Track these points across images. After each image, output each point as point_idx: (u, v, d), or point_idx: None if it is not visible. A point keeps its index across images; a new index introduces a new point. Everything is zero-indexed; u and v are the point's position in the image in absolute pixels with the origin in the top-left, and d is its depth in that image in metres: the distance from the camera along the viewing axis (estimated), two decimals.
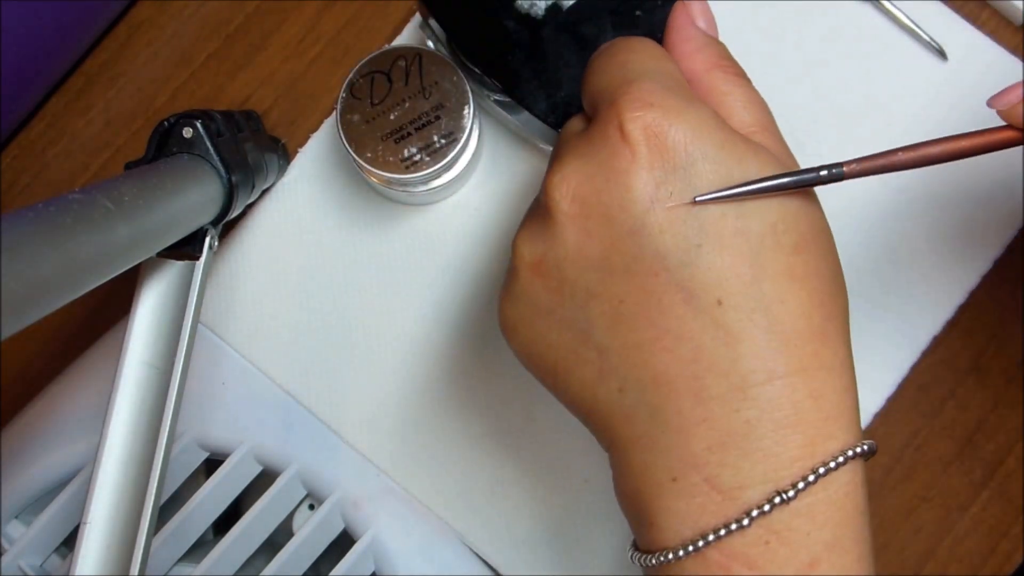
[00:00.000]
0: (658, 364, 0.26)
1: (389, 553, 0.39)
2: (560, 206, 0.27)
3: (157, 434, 0.32)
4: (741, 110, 0.28)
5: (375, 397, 0.41)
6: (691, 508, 0.26)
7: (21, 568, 0.39)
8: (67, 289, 0.25)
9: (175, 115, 0.34)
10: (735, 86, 0.29)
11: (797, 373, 0.25)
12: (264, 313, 0.42)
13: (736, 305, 0.25)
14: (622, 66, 0.28)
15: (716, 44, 0.30)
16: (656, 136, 0.26)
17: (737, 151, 0.26)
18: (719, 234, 0.26)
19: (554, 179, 0.27)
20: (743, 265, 0.26)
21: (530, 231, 0.28)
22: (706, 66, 0.29)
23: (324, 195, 0.42)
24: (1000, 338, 0.41)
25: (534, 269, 0.28)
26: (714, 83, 0.29)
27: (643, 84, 0.27)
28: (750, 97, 0.29)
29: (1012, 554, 0.40)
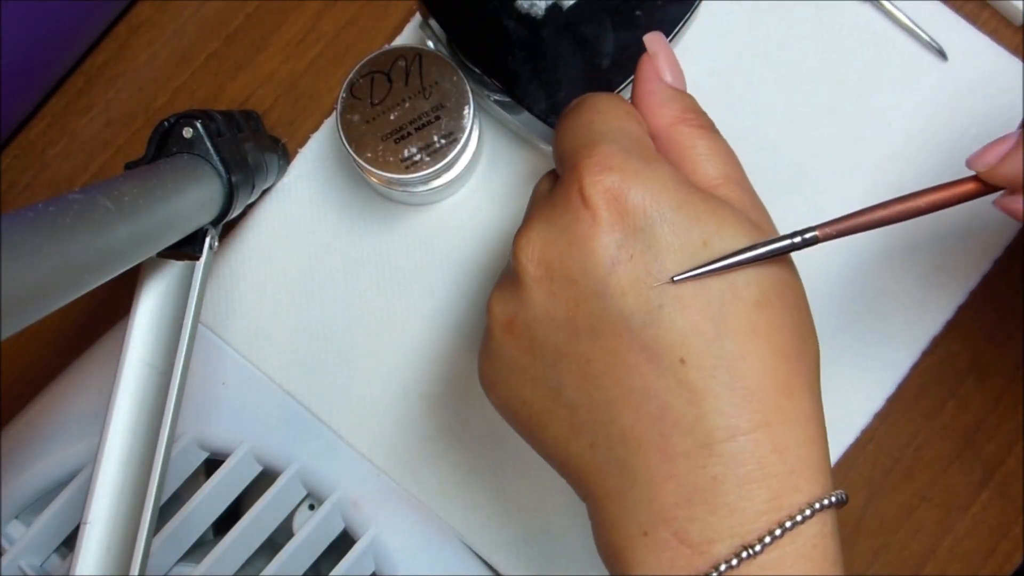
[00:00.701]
0: (625, 421, 0.26)
1: (389, 553, 0.39)
2: (527, 269, 0.28)
3: (157, 434, 0.32)
4: (705, 163, 0.29)
5: (375, 397, 0.41)
6: (661, 562, 0.26)
7: (21, 568, 0.39)
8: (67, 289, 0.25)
9: (175, 115, 0.34)
10: (699, 139, 0.29)
11: (761, 428, 0.26)
12: (264, 313, 0.42)
13: (698, 363, 0.26)
14: (587, 127, 0.29)
15: (682, 97, 0.31)
16: (615, 199, 0.27)
17: (695, 211, 0.27)
18: (680, 294, 0.26)
19: (520, 242, 0.28)
20: (705, 323, 0.26)
21: (502, 291, 0.29)
22: (671, 120, 0.30)
23: (324, 195, 0.42)
24: (1000, 338, 0.41)
25: (506, 329, 0.29)
26: (678, 137, 0.29)
27: (604, 147, 0.27)
28: (714, 149, 0.29)
29: (1012, 554, 0.40)
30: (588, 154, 0.27)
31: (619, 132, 0.28)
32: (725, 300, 0.26)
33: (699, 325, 0.26)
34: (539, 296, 0.27)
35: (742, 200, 0.28)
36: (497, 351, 0.29)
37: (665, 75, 0.31)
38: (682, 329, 0.26)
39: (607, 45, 0.35)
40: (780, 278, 0.27)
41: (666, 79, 0.31)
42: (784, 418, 0.26)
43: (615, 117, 0.29)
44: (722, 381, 0.26)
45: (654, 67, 0.31)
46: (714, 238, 0.26)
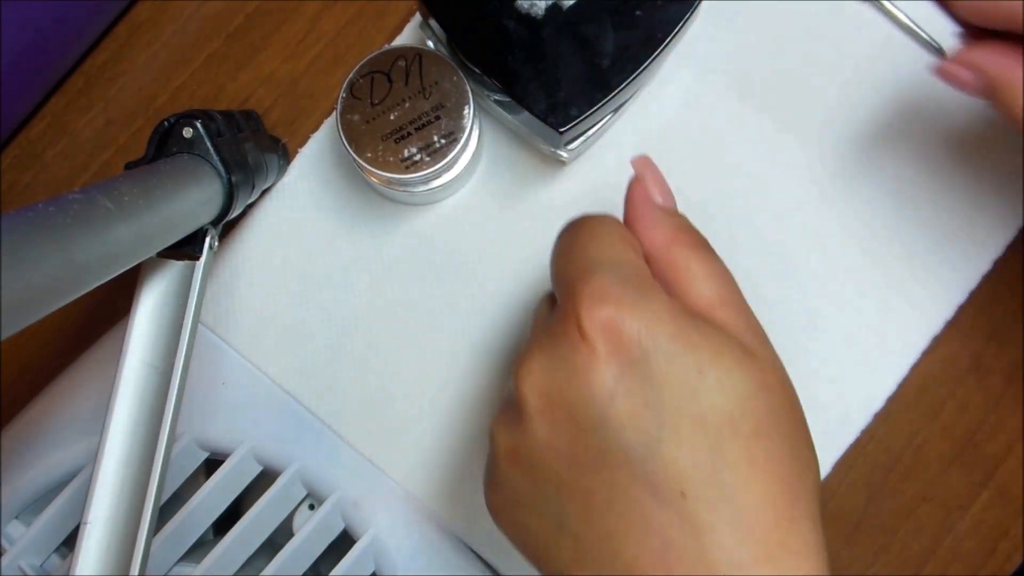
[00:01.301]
0: (629, 555, 0.26)
1: (389, 553, 0.39)
2: (528, 399, 0.28)
3: (157, 434, 0.32)
4: (699, 284, 0.29)
5: (375, 397, 0.41)
6: None
7: (21, 568, 0.39)
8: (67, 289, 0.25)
9: (175, 115, 0.34)
10: (693, 260, 0.30)
11: (763, 562, 0.26)
12: (264, 313, 0.42)
13: (699, 496, 0.26)
14: (583, 252, 0.29)
15: (673, 217, 0.31)
16: (612, 331, 0.27)
17: (690, 340, 0.27)
18: (677, 426, 0.26)
19: (521, 372, 0.28)
20: (703, 456, 0.26)
21: (504, 420, 0.29)
22: (664, 241, 0.30)
23: (324, 195, 0.42)
24: (1000, 338, 0.41)
25: (510, 458, 0.29)
26: (673, 258, 0.30)
27: (600, 277, 0.28)
28: (709, 270, 0.30)
29: (1012, 554, 0.40)
30: (585, 284, 0.28)
31: (615, 260, 0.29)
32: (723, 433, 0.26)
33: (697, 458, 0.26)
34: (541, 427, 0.28)
35: (736, 323, 0.29)
36: (502, 480, 0.29)
37: (655, 197, 0.31)
38: (681, 462, 0.26)
39: (607, 45, 0.35)
40: (775, 405, 0.27)
41: (656, 200, 0.31)
42: (786, 550, 0.26)
43: (610, 243, 0.30)
44: (723, 515, 0.26)
45: (643, 189, 0.32)
46: (709, 367, 0.27)
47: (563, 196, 0.42)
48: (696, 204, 0.42)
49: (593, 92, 0.35)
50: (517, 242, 0.42)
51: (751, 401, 0.27)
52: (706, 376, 0.26)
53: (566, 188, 0.42)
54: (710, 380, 0.26)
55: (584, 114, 0.35)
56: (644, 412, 0.26)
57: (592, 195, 0.42)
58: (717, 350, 0.27)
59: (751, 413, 0.27)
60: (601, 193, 0.42)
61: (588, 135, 0.38)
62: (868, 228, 0.41)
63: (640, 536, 0.26)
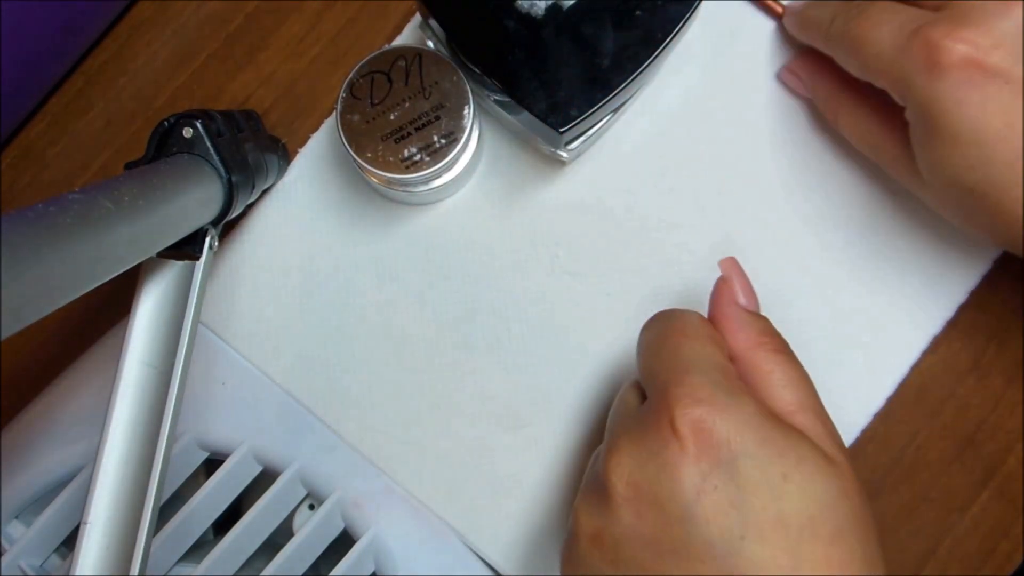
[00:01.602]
0: None
1: (389, 553, 0.39)
2: (616, 488, 0.29)
3: (157, 434, 0.32)
4: (782, 389, 0.31)
5: (375, 397, 0.41)
6: None
7: (21, 568, 0.39)
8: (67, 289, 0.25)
9: (175, 115, 0.34)
10: (776, 364, 0.31)
11: None
12: (264, 313, 0.42)
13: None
14: (674, 353, 0.31)
15: (758, 320, 0.33)
16: (703, 431, 0.28)
17: (777, 446, 0.29)
18: (760, 526, 0.27)
19: (611, 461, 0.30)
20: (783, 556, 0.27)
21: (588, 503, 0.31)
22: (748, 344, 0.32)
23: (324, 195, 0.42)
24: (1000, 338, 0.41)
25: (592, 540, 0.30)
26: (756, 362, 0.32)
27: (693, 378, 0.30)
28: (791, 376, 0.31)
29: (1012, 554, 0.40)
30: (678, 384, 0.29)
31: (706, 362, 0.31)
32: (803, 536, 0.28)
33: (777, 558, 0.27)
34: (627, 515, 0.29)
35: (816, 429, 0.30)
36: (582, 559, 0.30)
37: (740, 298, 0.33)
38: (762, 560, 0.27)
39: (607, 45, 0.35)
40: (854, 512, 0.29)
41: (741, 303, 0.33)
42: None
43: (701, 344, 0.31)
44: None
45: (730, 291, 0.33)
46: (794, 473, 0.28)
47: (563, 196, 0.42)
48: (697, 204, 0.42)
49: (593, 92, 0.35)
50: (517, 242, 0.42)
51: (831, 507, 0.28)
52: (790, 481, 0.28)
53: (566, 188, 0.42)
54: (794, 485, 0.28)
55: (584, 114, 0.35)
56: (729, 511, 0.28)
57: (592, 195, 0.42)
58: (801, 456, 0.29)
59: (831, 519, 0.28)
60: (600, 194, 0.42)
61: (588, 135, 0.38)
62: (868, 227, 0.41)
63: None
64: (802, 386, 0.31)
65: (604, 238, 0.42)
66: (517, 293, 0.42)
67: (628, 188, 0.42)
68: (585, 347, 0.41)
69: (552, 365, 0.41)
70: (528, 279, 0.42)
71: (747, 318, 0.33)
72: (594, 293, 0.41)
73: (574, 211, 0.42)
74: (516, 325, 0.41)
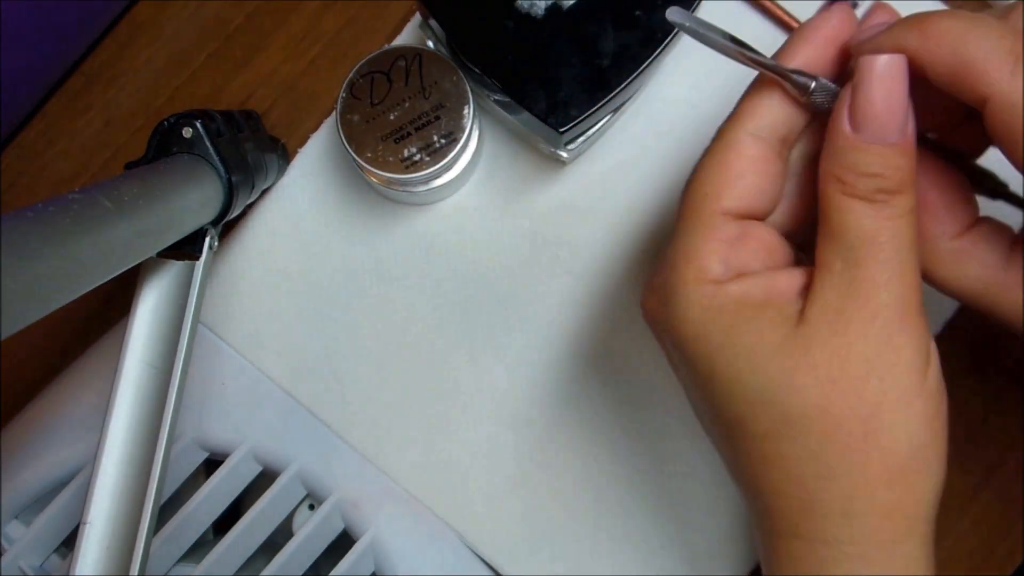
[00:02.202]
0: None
1: (389, 553, 0.39)
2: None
3: (157, 434, 0.32)
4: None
5: (375, 397, 0.41)
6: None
7: (21, 568, 0.39)
8: (67, 289, 0.25)
9: (175, 115, 0.34)
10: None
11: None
12: (264, 313, 0.42)
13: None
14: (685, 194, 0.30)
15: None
16: (648, 321, 0.31)
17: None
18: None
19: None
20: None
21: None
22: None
23: (324, 195, 0.42)
24: (1000, 338, 0.41)
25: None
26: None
27: (665, 256, 0.30)
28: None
29: (1012, 554, 0.40)
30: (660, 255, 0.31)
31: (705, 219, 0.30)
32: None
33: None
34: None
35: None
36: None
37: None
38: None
39: (607, 45, 0.35)
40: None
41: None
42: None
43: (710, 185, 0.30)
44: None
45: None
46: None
47: (563, 196, 0.42)
48: None
49: (593, 92, 0.35)
50: (517, 242, 0.42)
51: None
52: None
53: (566, 188, 0.42)
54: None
55: (584, 114, 0.35)
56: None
57: (592, 195, 0.42)
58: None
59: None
60: (600, 193, 0.42)
61: (588, 135, 0.38)
62: None
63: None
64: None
65: (604, 238, 0.42)
66: (517, 293, 0.42)
67: (628, 188, 0.42)
68: (585, 348, 0.41)
69: (552, 365, 0.41)
70: (528, 279, 0.42)
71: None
72: (594, 293, 0.41)
73: (574, 211, 0.42)
74: (516, 325, 0.41)
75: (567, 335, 0.41)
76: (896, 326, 0.26)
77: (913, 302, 0.27)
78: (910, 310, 0.27)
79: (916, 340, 0.27)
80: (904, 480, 0.27)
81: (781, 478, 0.27)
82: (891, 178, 0.26)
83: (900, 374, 0.27)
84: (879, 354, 0.26)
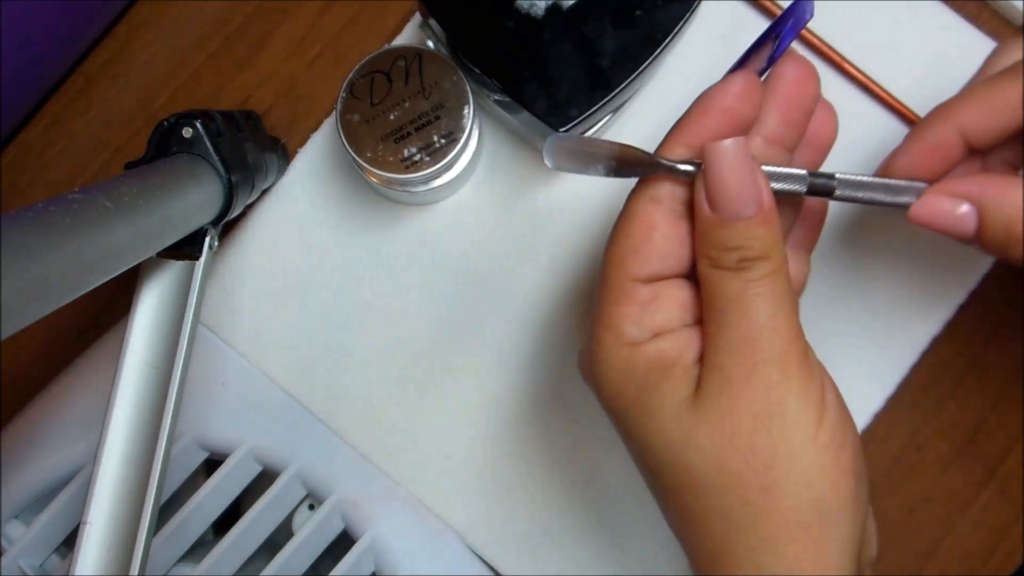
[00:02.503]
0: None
1: (389, 553, 0.39)
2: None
3: (157, 434, 0.32)
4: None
5: (375, 397, 0.41)
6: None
7: (21, 568, 0.39)
8: (67, 289, 0.25)
9: (175, 115, 0.34)
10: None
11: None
12: (264, 313, 0.42)
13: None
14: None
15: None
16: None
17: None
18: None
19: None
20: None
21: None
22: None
23: (324, 195, 0.42)
24: (1000, 338, 0.41)
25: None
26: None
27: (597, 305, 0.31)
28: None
29: (1012, 554, 0.40)
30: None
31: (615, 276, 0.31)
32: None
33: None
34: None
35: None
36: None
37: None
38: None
39: (607, 45, 0.35)
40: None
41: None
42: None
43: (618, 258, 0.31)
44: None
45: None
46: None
47: (563, 196, 0.42)
48: None
49: (593, 92, 0.35)
50: (517, 242, 0.42)
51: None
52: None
53: (566, 188, 0.42)
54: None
55: (584, 114, 0.35)
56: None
57: (592, 195, 0.42)
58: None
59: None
60: (600, 194, 0.42)
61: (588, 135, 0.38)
62: (869, 228, 0.41)
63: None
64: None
65: (604, 238, 0.42)
66: (517, 293, 0.42)
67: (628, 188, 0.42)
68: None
69: (552, 365, 0.41)
70: (528, 279, 0.42)
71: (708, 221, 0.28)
72: (594, 293, 0.41)
73: (574, 211, 0.42)
74: (516, 325, 0.41)
75: (567, 335, 0.41)
76: (776, 378, 0.27)
77: (792, 353, 0.28)
78: (790, 361, 0.27)
79: (800, 390, 0.28)
80: (807, 533, 0.27)
81: (694, 530, 0.28)
82: (752, 248, 0.27)
83: (786, 426, 0.27)
84: (763, 407, 0.27)
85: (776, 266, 0.28)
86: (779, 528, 0.27)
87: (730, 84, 0.29)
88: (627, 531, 0.40)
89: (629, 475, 0.41)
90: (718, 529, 0.28)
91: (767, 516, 0.27)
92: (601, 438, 0.41)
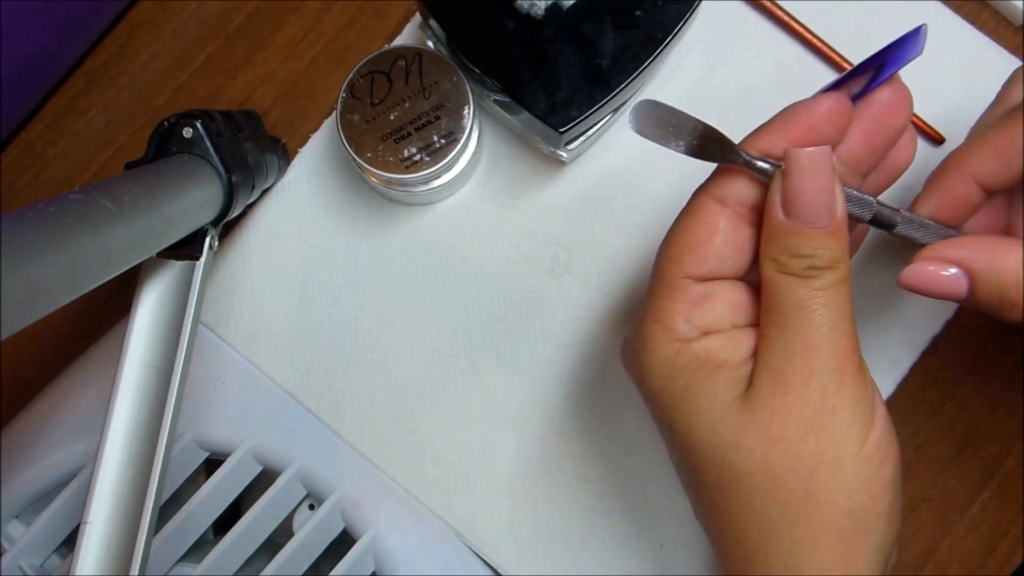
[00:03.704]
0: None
1: (389, 553, 0.39)
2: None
3: (157, 434, 0.32)
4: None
5: (375, 397, 0.41)
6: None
7: (21, 568, 0.39)
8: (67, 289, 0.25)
9: (175, 115, 0.34)
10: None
11: None
12: (264, 313, 0.42)
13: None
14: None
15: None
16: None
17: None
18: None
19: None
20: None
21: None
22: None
23: (324, 195, 0.42)
24: (1000, 338, 0.41)
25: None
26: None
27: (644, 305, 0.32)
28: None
29: (1012, 554, 0.40)
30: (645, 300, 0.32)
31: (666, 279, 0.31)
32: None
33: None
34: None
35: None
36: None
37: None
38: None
39: (607, 45, 0.35)
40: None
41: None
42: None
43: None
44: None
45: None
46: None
47: (563, 196, 0.42)
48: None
49: (593, 92, 0.35)
50: (517, 242, 0.42)
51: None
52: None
53: (566, 188, 0.42)
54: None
55: (584, 114, 0.35)
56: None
57: (592, 196, 0.42)
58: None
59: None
60: (600, 194, 0.42)
61: (588, 135, 0.38)
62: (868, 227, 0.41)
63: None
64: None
65: (604, 238, 0.42)
66: (517, 293, 0.42)
67: (628, 188, 0.42)
68: (585, 347, 0.41)
69: (552, 365, 0.41)
70: (528, 279, 0.42)
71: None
72: (594, 293, 0.41)
73: (574, 211, 0.42)
74: (515, 325, 0.41)
75: (567, 334, 0.41)
76: (831, 388, 0.28)
77: (849, 365, 0.28)
78: (846, 372, 0.28)
79: (853, 402, 0.28)
80: (843, 540, 0.28)
81: (729, 528, 0.29)
82: (821, 257, 0.28)
83: (836, 435, 0.28)
84: (815, 415, 0.28)
85: (842, 277, 0.28)
86: (815, 534, 0.27)
87: (819, 103, 0.29)
88: (628, 531, 0.40)
89: (630, 474, 0.41)
90: (754, 529, 0.28)
91: (805, 521, 0.27)
92: (601, 438, 0.41)
